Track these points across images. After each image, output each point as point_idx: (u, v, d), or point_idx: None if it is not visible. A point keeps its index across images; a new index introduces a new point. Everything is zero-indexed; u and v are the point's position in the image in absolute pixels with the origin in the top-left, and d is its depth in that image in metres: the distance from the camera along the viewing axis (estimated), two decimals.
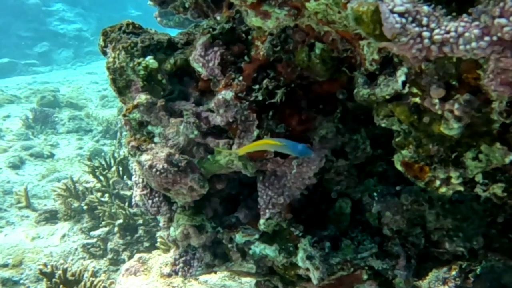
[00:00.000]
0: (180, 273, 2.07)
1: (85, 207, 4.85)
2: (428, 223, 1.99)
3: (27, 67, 15.89)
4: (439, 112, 1.29)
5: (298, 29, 1.66)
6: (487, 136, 1.31)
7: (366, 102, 1.50)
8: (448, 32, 1.01)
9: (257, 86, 1.78)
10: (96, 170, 4.86)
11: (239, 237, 2.04)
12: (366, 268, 1.99)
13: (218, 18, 1.87)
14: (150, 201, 2.09)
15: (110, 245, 4.44)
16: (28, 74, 15.23)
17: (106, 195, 4.78)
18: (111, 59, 1.91)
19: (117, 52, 1.89)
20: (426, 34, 1.02)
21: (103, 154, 6.96)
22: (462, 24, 1.00)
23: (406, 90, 1.35)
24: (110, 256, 4.41)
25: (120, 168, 4.88)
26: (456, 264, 2.81)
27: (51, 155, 7.55)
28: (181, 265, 2.09)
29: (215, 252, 2.11)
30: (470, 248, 1.98)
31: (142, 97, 1.87)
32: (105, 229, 4.55)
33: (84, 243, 4.62)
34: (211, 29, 1.84)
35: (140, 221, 4.37)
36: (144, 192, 2.09)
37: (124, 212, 4.33)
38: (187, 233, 2.00)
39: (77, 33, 18.67)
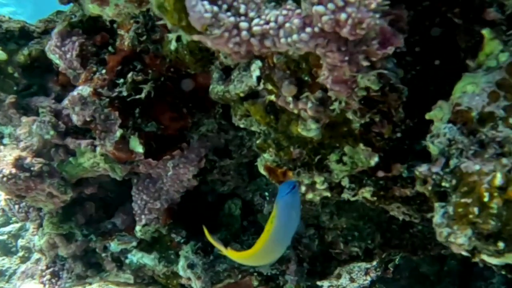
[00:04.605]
0: (47, 286, 1.86)
1: None
2: (322, 223, 1.89)
3: None
4: (295, 111, 1.14)
5: None
6: (350, 136, 1.17)
7: (222, 101, 1.33)
8: (268, 22, 0.83)
9: (121, 80, 1.58)
10: None
11: (114, 245, 1.86)
12: (256, 274, 1.87)
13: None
14: (16, 206, 1.88)
15: (21, 242, 4.16)
16: None
17: None
18: None
19: None
20: (243, 25, 0.83)
21: None
22: (284, 12, 0.82)
23: (261, 86, 1.18)
24: (21, 254, 4.14)
25: None
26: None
27: None
28: (48, 276, 1.88)
29: (89, 262, 1.91)
30: (365, 248, 1.89)
31: None
32: (17, 225, 4.27)
33: None
34: (73, 16, 1.64)
35: None
36: (9, 196, 1.87)
37: None
38: (53, 242, 1.80)
39: (11, 17, 17.81)
